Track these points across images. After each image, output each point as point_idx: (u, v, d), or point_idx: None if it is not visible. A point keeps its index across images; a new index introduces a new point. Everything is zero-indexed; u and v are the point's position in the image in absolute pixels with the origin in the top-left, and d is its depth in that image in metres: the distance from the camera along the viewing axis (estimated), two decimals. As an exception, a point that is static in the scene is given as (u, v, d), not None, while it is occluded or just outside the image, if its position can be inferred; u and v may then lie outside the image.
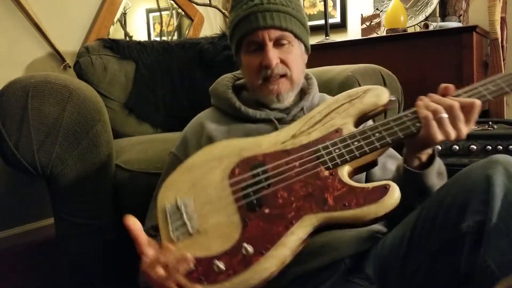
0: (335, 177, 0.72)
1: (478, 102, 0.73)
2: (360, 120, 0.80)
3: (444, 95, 0.76)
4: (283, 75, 0.94)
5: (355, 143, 0.74)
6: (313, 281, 0.83)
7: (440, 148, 1.43)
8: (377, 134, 0.74)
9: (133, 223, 0.74)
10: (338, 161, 0.73)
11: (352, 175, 0.76)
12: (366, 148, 0.73)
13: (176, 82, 1.69)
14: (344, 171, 0.73)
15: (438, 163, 0.83)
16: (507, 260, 0.65)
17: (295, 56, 0.95)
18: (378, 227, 0.93)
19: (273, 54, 0.91)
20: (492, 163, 0.72)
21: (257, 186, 0.73)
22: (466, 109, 0.73)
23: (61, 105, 1.05)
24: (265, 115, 0.97)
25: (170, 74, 1.69)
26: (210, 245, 0.70)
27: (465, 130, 0.74)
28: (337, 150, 0.74)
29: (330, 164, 0.73)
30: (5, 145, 1.00)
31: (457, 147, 1.42)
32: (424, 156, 0.81)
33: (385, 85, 1.45)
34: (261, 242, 0.68)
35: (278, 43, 0.93)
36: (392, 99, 0.80)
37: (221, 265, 0.68)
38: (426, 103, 0.75)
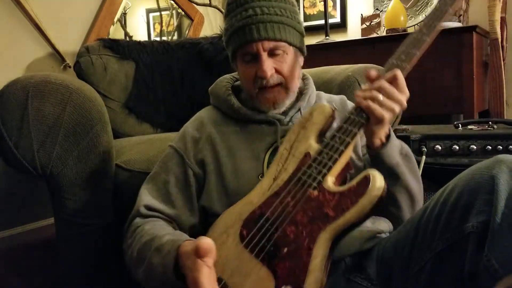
0: (324, 192, 0.78)
1: (397, 71, 0.82)
2: (320, 136, 0.88)
3: (372, 81, 0.83)
4: (278, 84, 0.94)
5: (324, 156, 0.81)
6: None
7: (440, 148, 1.43)
8: (337, 140, 0.82)
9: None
10: (319, 177, 0.79)
11: (338, 183, 0.81)
12: (335, 155, 0.80)
13: (176, 82, 1.69)
14: (329, 183, 0.78)
15: (400, 144, 0.89)
16: (510, 258, 0.65)
17: (289, 64, 0.95)
18: (380, 227, 0.93)
19: (268, 65, 0.92)
20: (496, 163, 0.72)
21: (268, 234, 0.77)
22: (393, 82, 0.81)
23: (61, 105, 1.05)
24: (264, 116, 0.98)
25: (170, 74, 1.68)
26: None
27: (403, 98, 0.81)
28: (314, 170, 0.80)
29: (314, 184, 0.79)
30: (5, 145, 1.00)
31: (457, 147, 1.42)
32: (383, 136, 0.86)
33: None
34: (295, 278, 0.72)
35: (272, 53, 0.93)
36: (334, 108, 0.90)
37: None
38: (363, 95, 0.82)
